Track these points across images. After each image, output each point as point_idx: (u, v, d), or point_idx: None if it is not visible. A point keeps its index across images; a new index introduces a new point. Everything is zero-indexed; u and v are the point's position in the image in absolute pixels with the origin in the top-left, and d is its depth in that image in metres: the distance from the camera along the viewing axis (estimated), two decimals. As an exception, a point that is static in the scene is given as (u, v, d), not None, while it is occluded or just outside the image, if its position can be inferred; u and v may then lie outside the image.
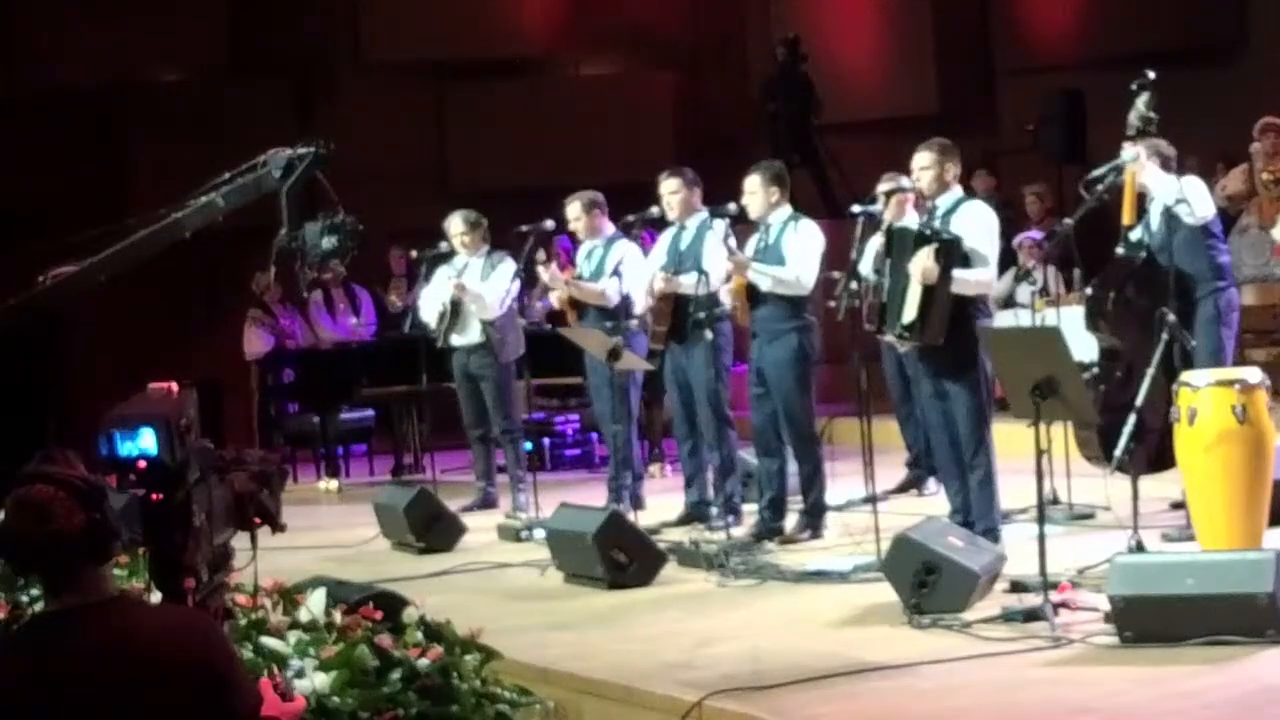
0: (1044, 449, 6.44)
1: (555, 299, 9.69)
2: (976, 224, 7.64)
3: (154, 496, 3.48)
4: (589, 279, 9.52)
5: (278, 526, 3.72)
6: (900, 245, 7.71)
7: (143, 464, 3.47)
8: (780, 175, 8.56)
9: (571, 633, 6.78)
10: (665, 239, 9.16)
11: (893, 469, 9.68)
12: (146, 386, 3.69)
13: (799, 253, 8.34)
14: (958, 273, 7.47)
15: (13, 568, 3.33)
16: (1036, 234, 12.08)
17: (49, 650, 3.17)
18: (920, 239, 7.53)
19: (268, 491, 3.67)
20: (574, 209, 9.61)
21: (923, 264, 7.42)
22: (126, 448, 3.47)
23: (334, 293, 13.28)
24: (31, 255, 7.15)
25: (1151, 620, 5.75)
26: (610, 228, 9.60)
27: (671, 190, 8.95)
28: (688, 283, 8.61)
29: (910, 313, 7.51)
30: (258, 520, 3.66)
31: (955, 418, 7.66)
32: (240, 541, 3.75)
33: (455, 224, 10.21)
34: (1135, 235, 8.08)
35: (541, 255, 9.46)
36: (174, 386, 3.67)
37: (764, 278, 8.34)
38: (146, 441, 3.46)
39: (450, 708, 5.38)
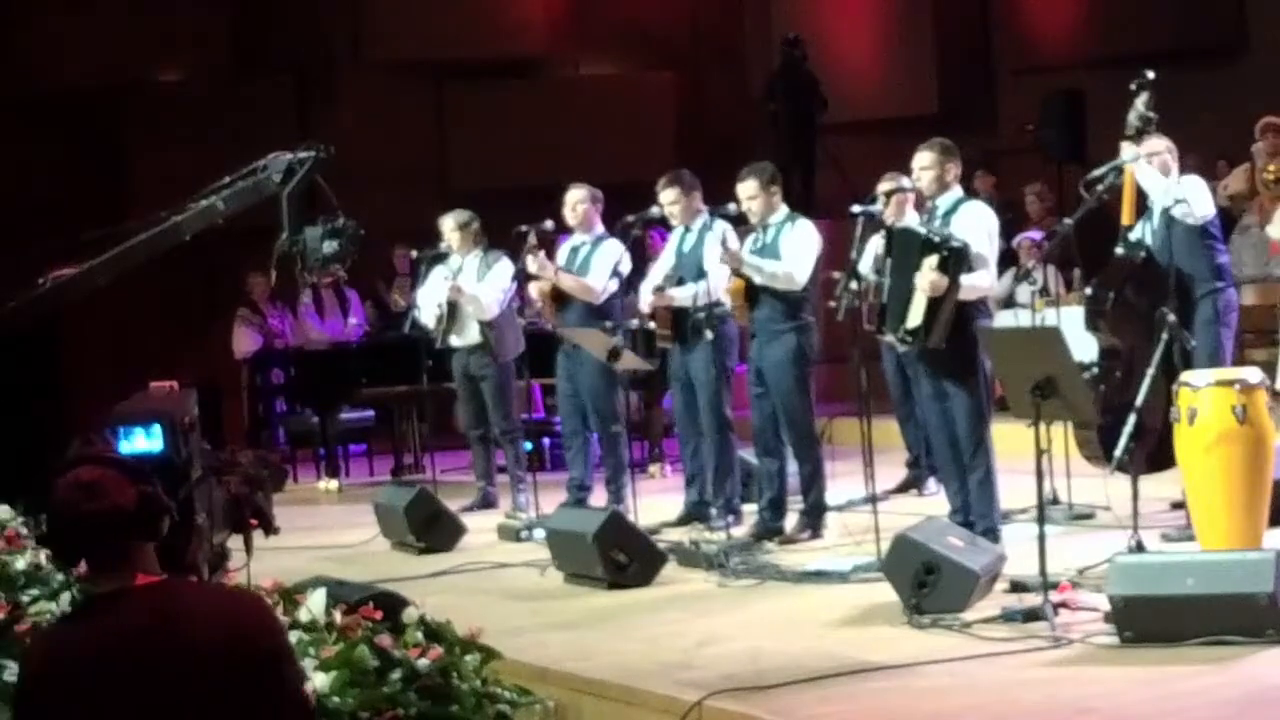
0: (1044, 449, 6.44)
1: (535, 290, 9.63)
2: (976, 225, 7.63)
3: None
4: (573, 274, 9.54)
5: (271, 529, 3.72)
6: (904, 248, 7.69)
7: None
8: (775, 175, 8.57)
9: (571, 633, 6.78)
10: (672, 242, 9.17)
11: (893, 469, 9.68)
12: (148, 385, 3.70)
13: (793, 250, 8.35)
14: (964, 279, 7.46)
15: (62, 554, 3.28)
16: (1036, 234, 12.09)
17: (105, 629, 3.16)
18: (927, 246, 7.50)
19: (262, 494, 3.67)
20: (577, 195, 9.59)
21: (930, 279, 7.40)
22: (133, 444, 3.47)
23: (324, 294, 13.29)
24: (32, 256, 7.15)
25: (1151, 620, 5.75)
26: (600, 226, 9.60)
27: (671, 200, 8.96)
28: (681, 296, 8.64)
29: (915, 318, 7.50)
30: (253, 522, 3.67)
31: (955, 418, 7.66)
32: (236, 543, 3.75)
33: (446, 224, 10.24)
34: (1135, 235, 8.09)
35: (533, 240, 9.39)
36: (175, 385, 3.68)
37: (756, 272, 8.34)
38: (154, 438, 3.46)
39: (450, 708, 5.38)
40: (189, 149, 13.35)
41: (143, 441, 3.48)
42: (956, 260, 7.43)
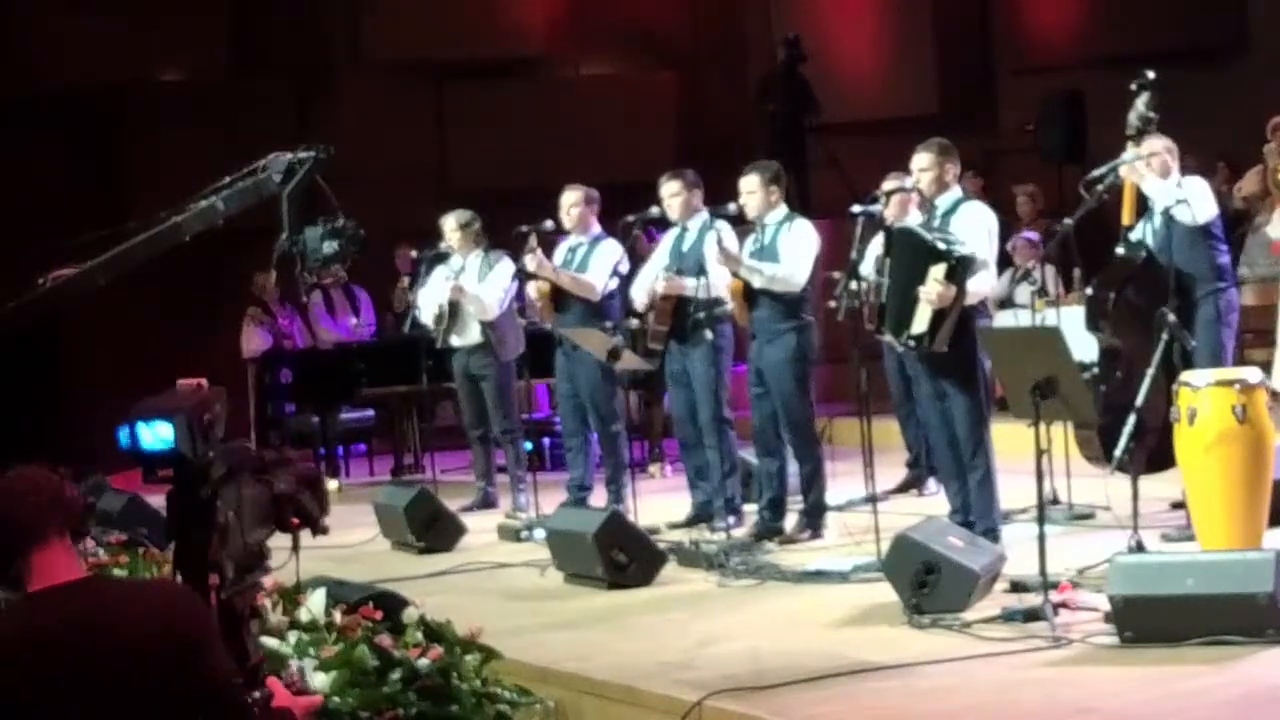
0: (1044, 449, 6.44)
1: (534, 290, 9.62)
2: (976, 226, 7.63)
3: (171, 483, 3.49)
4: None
5: (319, 529, 3.71)
6: (904, 248, 7.67)
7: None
8: (778, 175, 8.58)
9: (571, 633, 6.78)
10: (667, 240, 9.16)
11: (893, 469, 9.68)
12: (176, 382, 3.70)
13: (791, 251, 8.36)
14: (969, 285, 7.45)
15: None
16: (1033, 235, 12.11)
17: (23, 628, 3.19)
18: (934, 254, 7.47)
19: (310, 494, 3.66)
20: (572, 197, 9.59)
21: (937, 290, 7.38)
22: (145, 439, 3.48)
23: (333, 294, 13.30)
24: (32, 256, 7.15)
25: (1151, 620, 5.75)
26: (597, 227, 9.60)
27: (672, 193, 8.96)
28: (691, 284, 8.61)
29: (920, 324, 7.48)
30: (296, 521, 3.66)
31: (954, 418, 7.66)
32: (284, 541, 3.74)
33: (448, 224, 10.24)
34: (1136, 235, 8.09)
35: (533, 241, 9.38)
36: (204, 382, 3.68)
37: (755, 274, 8.35)
38: (164, 433, 3.47)
39: (450, 708, 5.39)
40: (189, 149, 13.34)
41: (156, 436, 3.49)
42: (963, 269, 7.42)
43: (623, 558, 7.62)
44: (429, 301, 10.28)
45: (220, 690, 3.26)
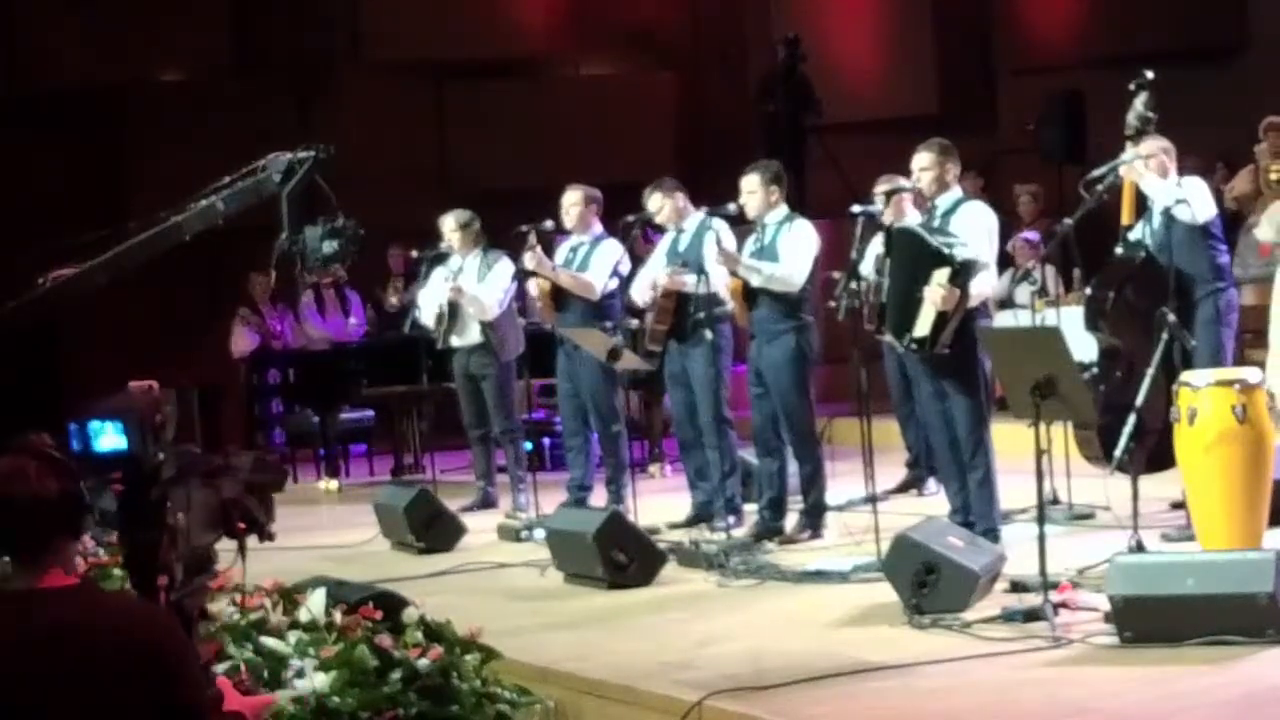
0: (1044, 449, 6.44)
1: (534, 288, 9.62)
2: (976, 226, 7.63)
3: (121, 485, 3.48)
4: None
5: (265, 535, 3.69)
6: (904, 249, 7.67)
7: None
8: (779, 175, 8.59)
9: (571, 633, 6.78)
10: (664, 243, 9.16)
11: (893, 469, 9.68)
12: (127, 385, 3.70)
13: (791, 251, 8.36)
14: (972, 287, 7.45)
15: None
16: (1033, 235, 12.10)
17: (8, 630, 3.18)
18: (938, 258, 7.46)
19: (257, 499, 3.64)
20: (572, 197, 9.60)
21: (941, 294, 7.38)
22: (95, 440, 3.47)
23: (325, 294, 13.30)
24: (32, 256, 7.15)
25: (1151, 620, 5.75)
26: (599, 227, 9.61)
27: (657, 205, 9.00)
28: (691, 281, 8.61)
29: (924, 327, 7.47)
30: (242, 527, 3.65)
31: (955, 418, 7.66)
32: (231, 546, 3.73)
33: (447, 224, 10.24)
34: (1135, 235, 8.09)
35: (533, 240, 9.38)
36: (154, 385, 3.67)
37: (754, 274, 8.35)
38: (114, 435, 3.46)
39: (450, 708, 5.39)
40: (189, 149, 13.33)
41: (108, 437, 3.49)
42: (966, 272, 7.41)
43: (623, 558, 7.62)
44: (429, 302, 10.27)
45: (193, 717, 3.25)
